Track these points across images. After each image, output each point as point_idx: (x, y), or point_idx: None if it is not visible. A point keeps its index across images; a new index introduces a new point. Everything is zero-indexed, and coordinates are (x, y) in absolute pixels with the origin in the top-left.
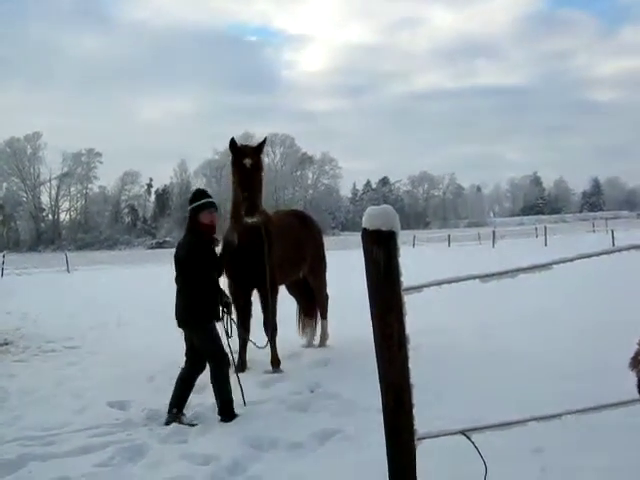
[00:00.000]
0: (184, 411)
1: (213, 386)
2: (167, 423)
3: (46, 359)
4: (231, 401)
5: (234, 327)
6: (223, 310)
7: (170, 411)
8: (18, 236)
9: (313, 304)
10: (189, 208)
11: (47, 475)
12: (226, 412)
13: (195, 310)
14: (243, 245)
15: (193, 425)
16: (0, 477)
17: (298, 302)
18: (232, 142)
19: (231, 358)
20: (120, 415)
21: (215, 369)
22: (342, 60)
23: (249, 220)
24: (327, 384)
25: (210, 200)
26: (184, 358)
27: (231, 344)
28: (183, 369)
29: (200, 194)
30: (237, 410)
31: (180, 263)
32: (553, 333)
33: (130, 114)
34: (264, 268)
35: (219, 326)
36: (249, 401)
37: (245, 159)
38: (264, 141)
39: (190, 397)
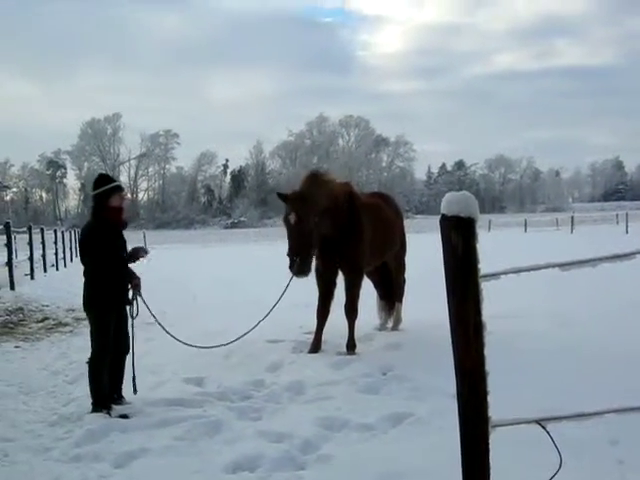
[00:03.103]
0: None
1: (89, 375)
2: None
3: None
4: (103, 394)
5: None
6: (134, 294)
7: (110, 397)
8: None
9: (390, 287)
10: (94, 193)
11: (128, 446)
12: (96, 403)
13: (91, 297)
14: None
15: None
16: (84, 446)
17: (375, 285)
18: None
19: (130, 342)
20: (196, 391)
21: (93, 359)
22: (418, 41)
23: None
24: (399, 367)
25: (119, 184)
26: (251, 336)
27: (134, 327)
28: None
29: (106, 178)
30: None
31: (80, 247)
32: (634, 324)
33: (207, 95)
34: (349, 249)
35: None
36: (320, 382)
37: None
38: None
39: (264, 376)
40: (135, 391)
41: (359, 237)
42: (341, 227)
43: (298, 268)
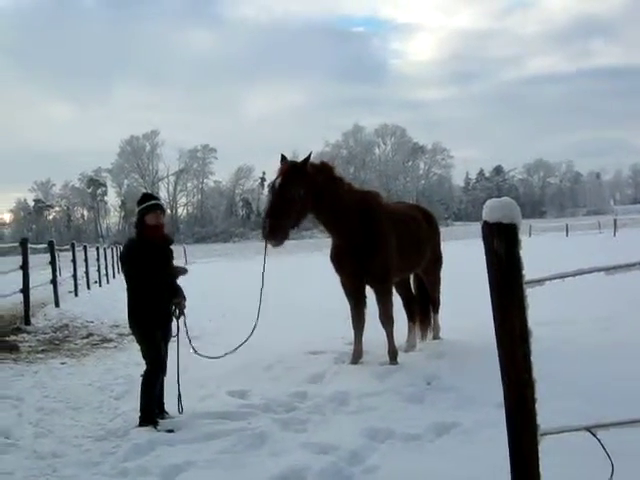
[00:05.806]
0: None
1: (141, 389)
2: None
3: (169, 349)
4: (151, 409)
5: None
6: (174, 311)
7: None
8: None
9: (426, 298)
10: (137, 211)
11: (173, 459)
12: (144, 418)
13: (134, 314)
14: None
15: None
16: (131, 460)
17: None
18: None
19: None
20: (240, 404)
21: (147, 374)
22: (452, 47)
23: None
24: (443, 377)
25: (156, 202)
26: (292, 348)
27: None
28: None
29: (146, 197)
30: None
31: (121, 263)
32: None
33: (242, 109)
34: (371, 260)
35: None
36: (364, 392)
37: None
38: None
39: (307, 387)
40: (180, 410)
41: (381, 247)
42: (358, 237)
43: (267, 232)
